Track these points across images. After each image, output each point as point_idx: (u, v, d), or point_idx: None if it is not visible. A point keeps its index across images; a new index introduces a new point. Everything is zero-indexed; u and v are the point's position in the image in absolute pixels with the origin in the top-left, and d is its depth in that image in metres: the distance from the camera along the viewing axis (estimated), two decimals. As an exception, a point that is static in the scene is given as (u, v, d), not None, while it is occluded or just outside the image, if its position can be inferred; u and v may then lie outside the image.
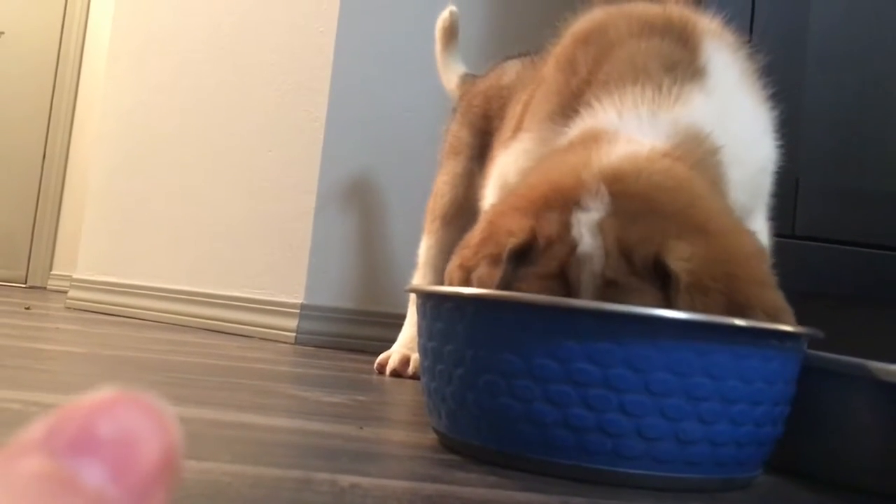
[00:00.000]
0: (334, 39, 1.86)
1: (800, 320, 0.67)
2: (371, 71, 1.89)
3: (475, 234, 0.75)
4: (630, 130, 0.78)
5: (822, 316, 0.80)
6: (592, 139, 0.77)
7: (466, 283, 0.71)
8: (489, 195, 1.08)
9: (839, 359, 0.71)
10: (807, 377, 0.69)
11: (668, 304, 0.64)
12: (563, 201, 0.68)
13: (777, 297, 0.67)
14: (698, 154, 0.78)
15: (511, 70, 1.38)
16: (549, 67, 0.97)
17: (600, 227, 0.66)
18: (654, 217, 0.66)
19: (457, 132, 1.44)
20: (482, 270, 0.70)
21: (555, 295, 0.66)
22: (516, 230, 0.68)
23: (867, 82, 1.37)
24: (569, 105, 0.87)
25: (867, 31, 1.37)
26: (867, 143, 1.36)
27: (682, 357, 0.60)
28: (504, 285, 0.67)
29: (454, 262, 0.76)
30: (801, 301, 0.68)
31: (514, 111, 1.17)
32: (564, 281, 0.67)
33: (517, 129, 1.08)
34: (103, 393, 0.18)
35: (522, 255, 0.68)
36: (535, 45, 1.14)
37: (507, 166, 1.04)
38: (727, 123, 0.81)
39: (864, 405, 0.71)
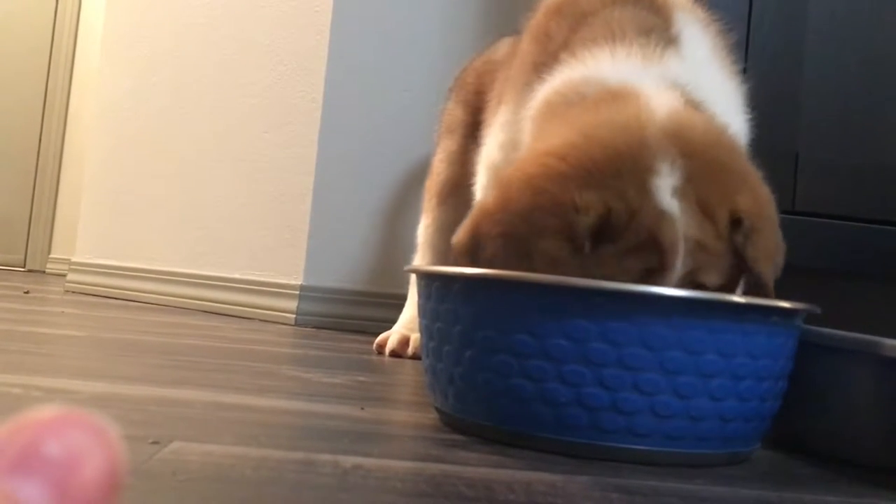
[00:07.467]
0: (330, 19, 1.85)
1: (799, 296, 0.68)
2: (368, 51, 1.87)
3: (504, 201, 0.69)
4: (633, 81, 0.77)
5: (821, 291, 0.80)
6: (612, 93, 0.74)
7: (498, 253, 0.67)
8: (480, 176, 1.07)
9: (841, 334, 0.71)
10: (809, 352, 0.69)
11: (737, 267, 0.68)
12: (633, 168, 0.66)
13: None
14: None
15: (503, 47, 1.37)
16: (524, 41, 0.97)
17: (682, 191, 0.66)
18: (722, 175, 0.69)
19: (452, 110, 1.44)
20: (548, 244, 0.65)
21: (649, 266, 0.65)
22: (585, 205, 0.65)
23: (867, 57, 1.36)
24: (545, 69, 0.86)
25: (868, 5, 1.36)
26: (867, 117, 1.36)
27: (695, 335, 0.60)
28: (579, 264, 0.65)
29: (465, 232, 0.70)
30: (801, 276, 0.68)
31: (498, 88, 1.17)
32: (658, 249, 0.65)
33: (497, 104, 1.07)
34: (49, 412, 0.18)
35: (599, 232, 0.65)
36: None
37: (490, 145, 1.04)
38: (701, 92, 0.80)
39: (865, 380, 0.71)
